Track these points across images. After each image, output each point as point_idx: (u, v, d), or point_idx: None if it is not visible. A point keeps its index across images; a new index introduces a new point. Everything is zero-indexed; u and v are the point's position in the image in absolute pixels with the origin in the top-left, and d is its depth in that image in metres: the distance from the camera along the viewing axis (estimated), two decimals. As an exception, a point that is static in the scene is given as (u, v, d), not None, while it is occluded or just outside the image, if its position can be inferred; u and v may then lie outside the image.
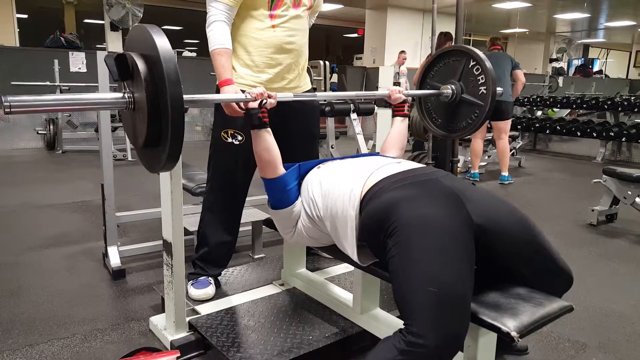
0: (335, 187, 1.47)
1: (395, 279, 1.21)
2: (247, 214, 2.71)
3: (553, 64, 13.83)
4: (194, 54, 9.00)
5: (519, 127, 7.20)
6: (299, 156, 2.01)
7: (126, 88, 1.24)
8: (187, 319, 1.79)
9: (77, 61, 6.63)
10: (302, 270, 2.14)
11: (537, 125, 7.15)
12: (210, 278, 2.03)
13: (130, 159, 5.77)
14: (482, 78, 1.89)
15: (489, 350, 1.30)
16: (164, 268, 1.77)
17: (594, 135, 6.50)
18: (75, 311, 2.09)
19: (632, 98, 6.91)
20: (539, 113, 8.22)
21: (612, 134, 6.33)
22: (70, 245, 2.90)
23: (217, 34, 1.79)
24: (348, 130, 7.47)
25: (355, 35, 14.23)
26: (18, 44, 8.63)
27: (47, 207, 3.70)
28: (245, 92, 1.55)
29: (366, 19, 11.00)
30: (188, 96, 1.30)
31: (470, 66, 1.92)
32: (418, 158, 4.05)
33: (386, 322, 1.69)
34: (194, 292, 1.95)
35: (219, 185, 2.02)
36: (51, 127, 6.38)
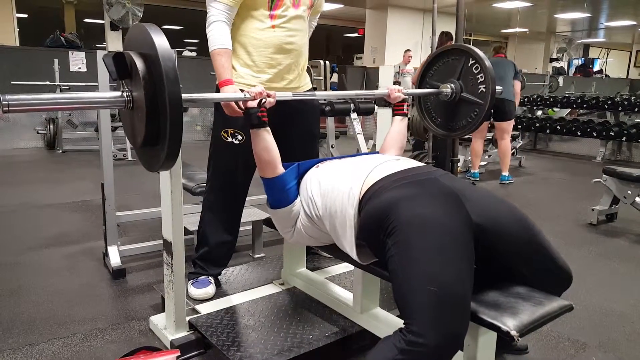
0: (334, 186, 1.47)
1: (394, 279, 1.21)
2: (247, 214, 2.71)
3: (553, 64, 13.83)
4: (194, 54, 8.99)
5: (519, 127, 7.20)
6: (299, 156, 2.01)
7: (125, 87, 1.23)
8: (187, 318, 1.79)
9: (77, 61, 6.63)
10: (302, 269, 2.14)
11: (538, 124, 7.15)
12: (210, 277, 2.03)
13: (130, 159, 5.78)
14: (482, 76, 1.88)
15: (489, 349, 1.30)
16: (164, 267, 1.77)
17: (594, 134, 6.50)
18: (75, 311, 2.09)
19: (633, 98, 6.89)
20: (539, 113, 8.22)
21: (612, 134, 6.33)
22: (70, 244, 2.90)
23: (217, 34, 1.79)
24: (348, 130, 7.48)
25: (355, 34, 14.24)
26: (18, 44, 8.64)
27: (47, 207, 3.70)
28: (244, 92, 1.54)
29: (366, 19, 11.01)
30: (187, 95, 1.29)
31: (469, 65, 1.92)
32: (418, 157, 4.05)
33: (386, 322, 1.69)
34: (194, 292, 1.95)
35: (219, 184, 2.02)
36: (51, 127, 6.38)
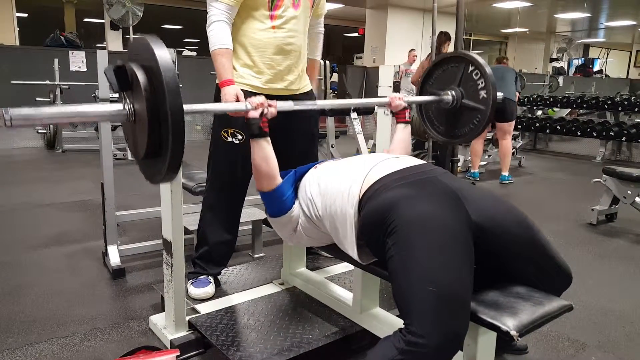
0: (333, 186, 1.46)
1: (394, 279, 1.21)
2: (247, 213, 2.71)
3: (553, 64, 13.84)
4: (194, 53, 8.99)
5: (519, 127, 7.20)
6: (299, 155, 2.01)
7: (126, 99, 1.23)
8: (187, 318, 1.79)
9: (77, 60, 6.62)
10: (302, 269, 2.14)
11: (537, 124, 7.15)
12: (210, 277, 2.03)
13: (130, 158, 5.77)
14: (482, 82, 1.87)
15: (489, 349, 1.30)
16: (164, 267, 1.77)
17: (594, 134, 6.50)
18: (75, 310, 2.09)
19: (632, 98, 6.89)
20: (539, 113, 8.22)
21: (612, 134, 6.33)
22: (70, 244, 2.90)
23: (218, 34, 1.79)
24: (348, 129, 7.47)
25: (355, 34, 14.24)
26: (18, 43, 8.64)
27: (47, 206, 3.70)
28: (245, 101, 1.52)
29: (366, 19, 11.01)
30: (188, 106, 1.29)
31: (469, 71, 1.91)
32: (418, 157, 4.05)
33: (386, 321, 1.69)
34: (194, 291, 1.95)
35: (219, 184, 2.02)
36: (51, 126, 6.38)
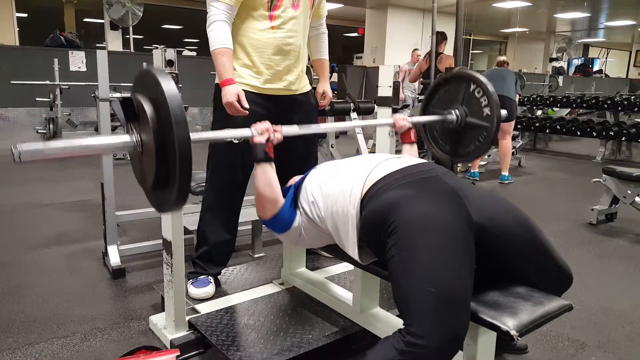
0: (335, 186, 1.46)
1: (394, 279, 1.21)
2: (247, 213, 2.71)
3: (553, 64, 13.83)
4: (194, 53, 8.98)
5: (519, 127, 7.20)
6: (298, 156, 2.01)
7: (133, 130, 1.26)
8: (187, 318, 1.79)
9: (77, 60, 6.61)
10: (302, 269, 2.14)
11: (537, 124, 7.15)
12: (210, 277, 2.03)
13: (130, 159, 5.77)
14: (485, 100, 1.86)
15: (489, 349, 1.30)
16: (164, 267, 1.77)
17: (594, 134, 6.50)
18: (75, 310, 2.09)
19: (632, 97, 6.89)
20: (539, 112, 8.21)
21: (612, 134, 6.33)
22: (70, 244, 2.90)
23: (218, 34, 1.79)
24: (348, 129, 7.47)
25: (355, 34, 14.23)
26: (18, 43, 8.63)
27: (47, 206, 3.70)
28: (251, 127, 1.50)
29: (366, 18, 11.00)
30: (195, 135, 1.29)
31: (471, 90, 1.91)
32: (419, 157, 4.05)
33: (386, 321, 1.69)
34: (194, 291, 1.95)
35: (219, 184, 2.02)
36: (51, 126, 6.36)
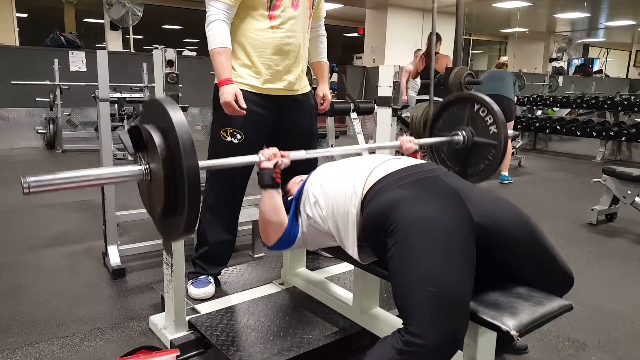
0: (336, 186, 1.46)
1: (394, 279, 1.21)
2: (247, 213, 2.71)
3: (553, 64, 13.82)
4: (194, 54, 8.98)
5: (519, 127, 7.20)
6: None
7: (141, 159, 1.27)
8: (187, 318, 1.79)
9: (77, 60, 6.62)
10: (302, 269, 2.14)
11: (537, 124, 7.15)
12: (210, 277, 2.03)
13: (130, 159, 5.76)
14: (490, 118, 1.87)
15: (489, 349, 1.30)
16: (164, 267, 1.77)
17: (594, 134, 6.50)
18: (75, 310, 2.09)
19: (632, 97, 6.90)
20: (539, 112, 8.21)
21: (612, 134, 6.33)
22: (70, 244, 2.90)
23: (217, 33, 1.79)
24: (348, 129, 7.48)
25: (355, 34, 14.23)
26: (18, 43, 8.63)
27: (47, 207, 3.70)
28: (259, 153, 1.50)
29: (366, 19, 11.00)
30: (203, 162, 1.30)
31: (475, 110, 1.92)
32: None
33: (386, 321, 1.69)
34: (194, 291, 1.95)
35: (219, 184, 2.02)
36: (51, 126, 6.37)
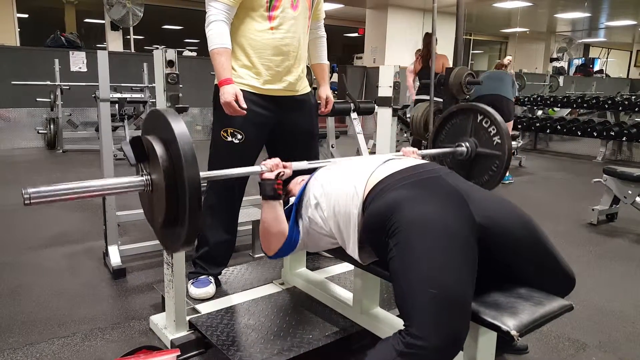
0: (338, 187, 1.46)
1: (395, 280, 1.21)
2: (248, 214, 2.71)
3: (554, 64, 13.82)
4: (194, 54, 8.99)
5: (520, 127, 7.20)
6: (299, 156, 2.01)
7: (143, 170, 1.27)
8: (188, 318, 1.79)
9: (78, 61, 6.62)
10: (302, 269, 2.14)
11: (538, 124, 7.14)
12: (210, 277, 2.03)
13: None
14: (494, 129, 1.87)
15: (489, 349, 1.30)
16: (165, 267, 1.77)
17: (595, 134, 6.50)
18: (75, 310, 2.09)
19: (633, 97, 6.90)
20: (540, 112, 8.21)
21: (613, 134, 6.33)
22: (70, 244, 2.90)
23: (217, 34, 1.79)
24: (348, 129, 7.48)
25: (355, 34, 14.23)
26: (18, 44, 8.63)
27: (48, 207, 3.70)
28: (261, 164, 1.51)
29: (366, 19, 11.00)
30: (204, 173, 1.30)
31: (478, 121, 1.91)
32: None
33: (386, 321, 1.69)
34: (195, 291, 1.95)
35: (220, 184, 2.02)
36: (52, 127, 6.37)
